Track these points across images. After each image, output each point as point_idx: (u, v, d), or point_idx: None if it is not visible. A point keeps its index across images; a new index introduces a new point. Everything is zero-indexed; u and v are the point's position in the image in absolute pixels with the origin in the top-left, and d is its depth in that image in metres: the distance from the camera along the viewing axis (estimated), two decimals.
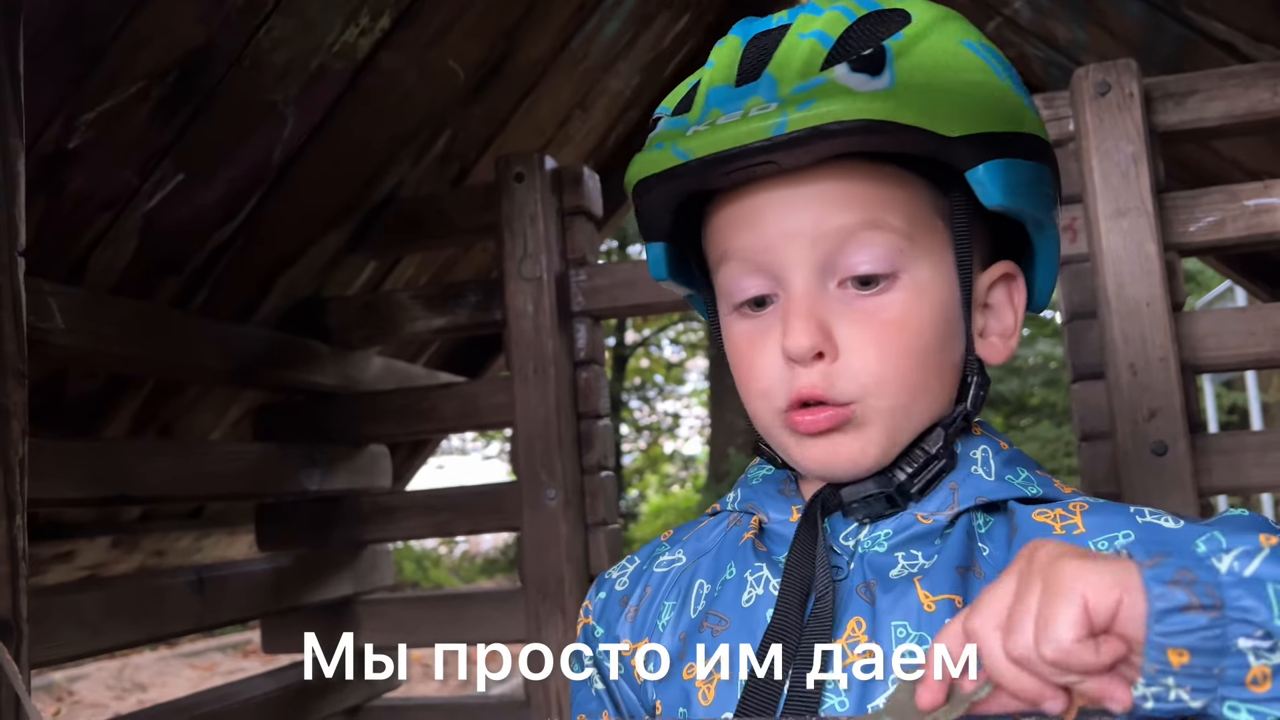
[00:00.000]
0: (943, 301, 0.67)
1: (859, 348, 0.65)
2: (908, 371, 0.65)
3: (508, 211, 2.03)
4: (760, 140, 0.61)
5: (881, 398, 0.65)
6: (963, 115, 0.63)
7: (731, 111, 0.63)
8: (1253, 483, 1.70)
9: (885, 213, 0.65)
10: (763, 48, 0.66)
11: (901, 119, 0.60)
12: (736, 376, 0.71)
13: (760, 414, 0.70)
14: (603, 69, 2.70)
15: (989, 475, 0.68)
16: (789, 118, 0.60)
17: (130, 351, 1.72)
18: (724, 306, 0.71)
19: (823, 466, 0.67)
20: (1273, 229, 1.71)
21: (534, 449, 1.97)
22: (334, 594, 2.29)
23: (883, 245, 0.64)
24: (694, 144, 0.63)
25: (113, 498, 1.74)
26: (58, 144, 1.49)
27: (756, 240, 0.66)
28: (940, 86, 0.63)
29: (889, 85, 0.62)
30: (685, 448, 13.69)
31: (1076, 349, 1.80)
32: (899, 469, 0.67)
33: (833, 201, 0.64)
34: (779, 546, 0.70)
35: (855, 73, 0.62)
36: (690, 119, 0.66)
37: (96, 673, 6.20)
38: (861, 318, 0.65)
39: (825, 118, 0.60)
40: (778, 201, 0.65)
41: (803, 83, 0.62)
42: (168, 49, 1.52)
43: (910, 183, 0.66)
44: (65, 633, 1.65)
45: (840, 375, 0.65)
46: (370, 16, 1.81)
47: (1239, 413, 8.32)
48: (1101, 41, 2.21)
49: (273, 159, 1.86)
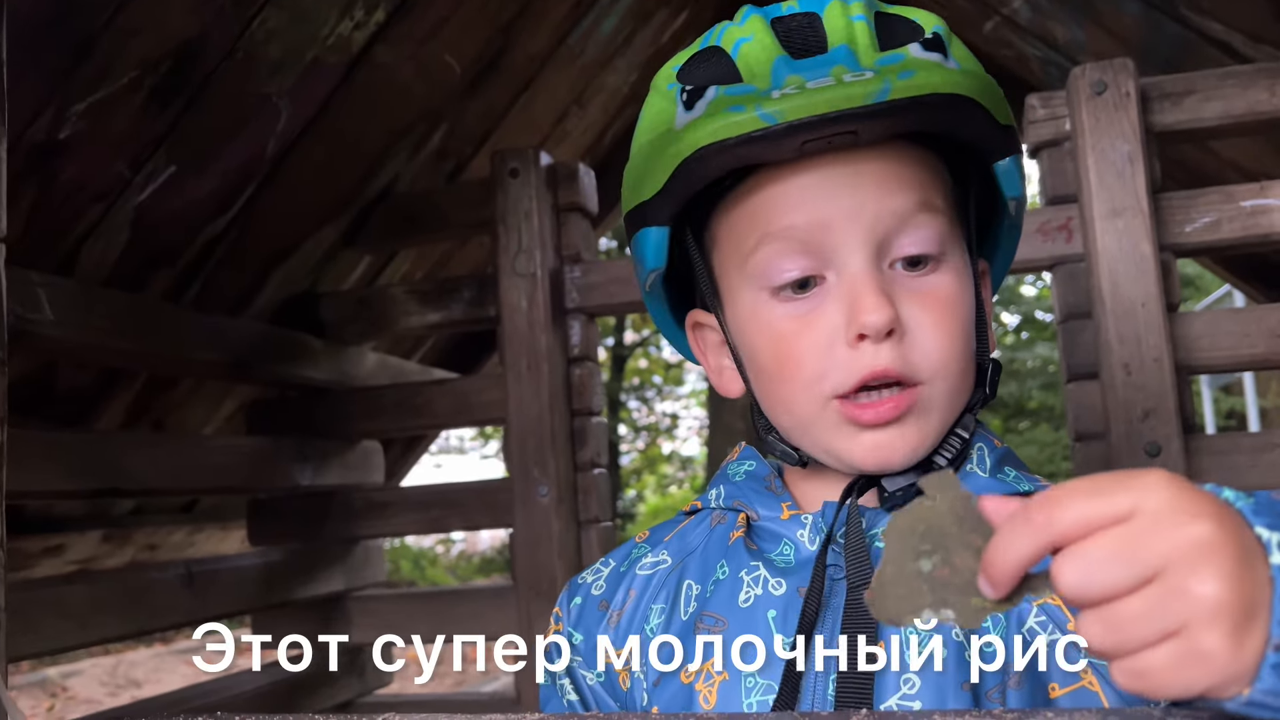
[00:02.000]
0: (971, 286, 0.68)
1: (925, 327, 0.64)
2: (962, 353, 0.66)
3: (503, 207, 2.02)
4: (862, 105, 0.59)
5: (946, 379, 0.65)
6: (1003, 106, 0.65)
7: (819, 78, 0.61)
8: (1246, 483, 1.68)
9: (934, 195, 0.65)
10: (797, 27, 0.65)
11: (980, 98, 0.62)
12: (774, 365, 0.67)
13: (803, 403, 0.66)
14: (600, 65, 2.70)
15: (984, 472, 0.68)
16: (892, 85, 0.59)
17: (121, 345, 1.71)
18: (752, 292, 0.67)
19: (879, 460, 0.65)
20: (1269, 230, 1.71)
21: (527, 445, 1.96)
22: (325, 589, 2.28)
23: (933, 227, 0.65)
24: (784, 106, 0.60)
25: (103, 490, 1.73)
26: (48, 134, 1.48)
27: (808, 219, 0.64)
28: (984, 77, 0.65)
29: (959, 67, 0.63)
30: (683, 448, 13.69)
31: (1071, 349, 1.79)
32: (940, 454, 0.67)
33: (891, 182, 0.64)
34: (770, 544, 0.69)
35: (929, 52, 0.62)
36: (760, 86, 0.62)
37: (91, 669, 6.19)
38: (920, 299, 0.64)
39: (925, 88, 0.60)
40: (835, 180, 0.63)
41: (884, 56, 0.62)
42: (160, 40, 1.52)
43: (942, 170, 0.68)
44: (52, 624, 1.64)
45: (910, 353, 0.63)
46: (364, 10, 1.81)
47: (1237, 417, 8.31)
48: (1100, 41, 2.20)
49: (267, 152, 1.85)
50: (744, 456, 0.77)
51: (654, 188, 0.66)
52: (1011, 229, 0.74)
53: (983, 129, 0.64)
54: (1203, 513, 0.41)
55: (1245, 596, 0.40)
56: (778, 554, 0.68)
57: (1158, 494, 0.42)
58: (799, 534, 0.69)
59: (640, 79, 2.91)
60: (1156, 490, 0.42)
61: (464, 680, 6.46)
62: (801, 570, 0.67)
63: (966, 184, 0.70)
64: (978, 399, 0.69)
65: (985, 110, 0.63)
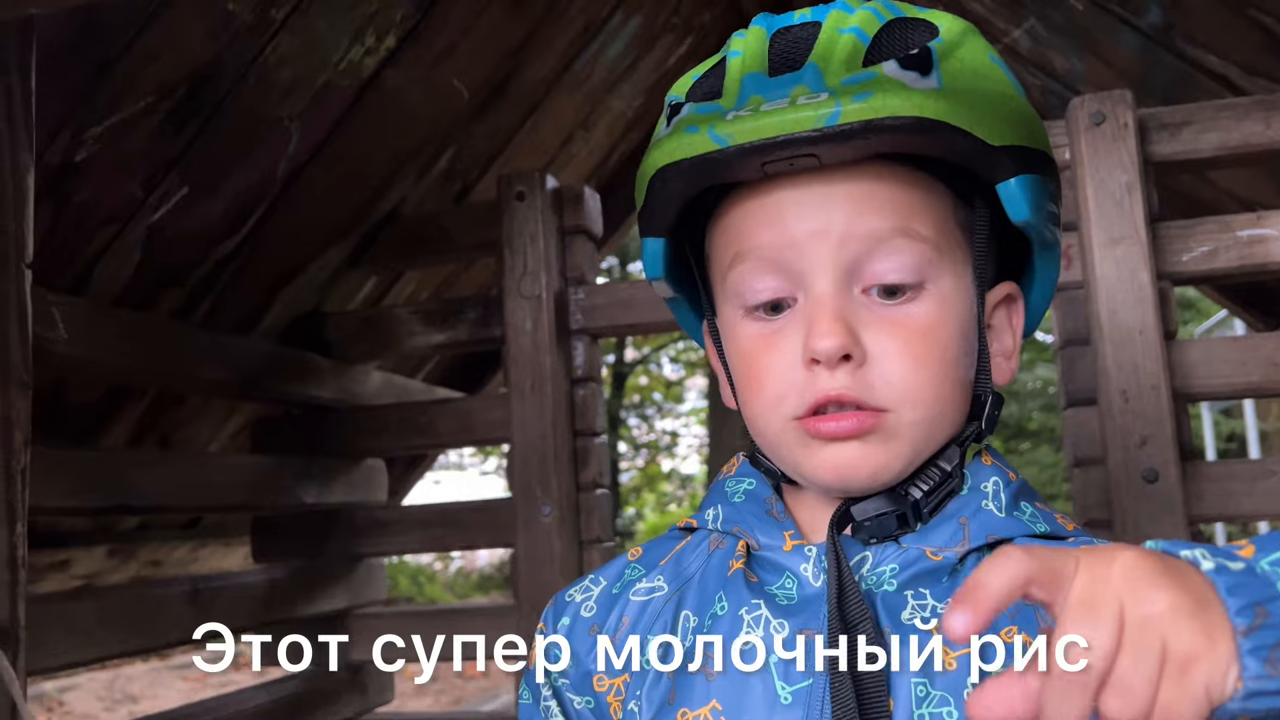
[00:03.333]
0: (963, 315, 0.65)
1: (890, 354, 0.62)
2: (937, 383, 0.63)
3: (508, 229, 2.05)
4: (810, 130, 0.58)
5: (914, 408, 0.62)
6: (1001, 126, 0.61)
7: (776, 98, 0.59)
8: (1243, 511, 1.71)
9: (916, 220, 0.63)
10: (794, 40, 0.64)
11: (954, 120, 0.59)
12: (742, 382, 0.67)
13: (767, 422, 0.65)
14: (606, 90, 2.73)
15: (999, 510, 0.65)
16: (843, 108, 0.57)
17: (132, 362, 1.73)
18: (731, 309, 0.67)
19: (840, 477, 0.63)
20: (1265, 260, 1.73)
21: (530, 465, 1.98)
22: (328, 607, 2.29)
23: (912, 254, 0.62)
24: (734, 129, 0.59)
25: (111, 507, 1.75)
26: (65, 156, 1.51)
27: (778, 238, 0.63)
28: (982, 94, 0.61)
29: (939, 85, 0.60)
30: (683, 466, 13.69)
31: (1069, 375, 1.82)
32: (914, 485, 0.64)
33: (865, 203, 0.62)
34: (772, 576, 0.66)
35: (905, 70, 0.60)
36: (724, 104, 0.62)
37: (88, 683, 6.18)
38: (889, 325, 0.62)
39: (881, 111, 0.57)
40: (806, 199, 0.62)
41: (851, 75, 0.60)
42: (176, 65, 1.55)
43: (938, 192, 0.65)
44: (59, 641, 1.65)
45: (871, 380, 0.62)
46: (376, 36, 1.84)
47: (1237, 440, 8.32)
48: (1098, 72, 2.23)
49: (277, 174, 1.88)
50: (741, 473, 0.73)
51: (639, 200, 0.67)
52: (1044, 250, 0.69)
53: (961, 150, 0.60)
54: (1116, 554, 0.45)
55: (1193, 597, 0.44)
56: (779, 587, 0.65)
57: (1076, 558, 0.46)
58: (802, 568, 0.66)
59: (645, 103, 2.94)
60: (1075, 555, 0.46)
61: (462, 698, 6.44)
62: (805, 609, 0.64)
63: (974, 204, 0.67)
64: (971, 431, 0.67)
65: (960, 131, 0.59)
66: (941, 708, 0.59)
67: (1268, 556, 0.46)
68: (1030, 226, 0.65)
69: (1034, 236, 0.67)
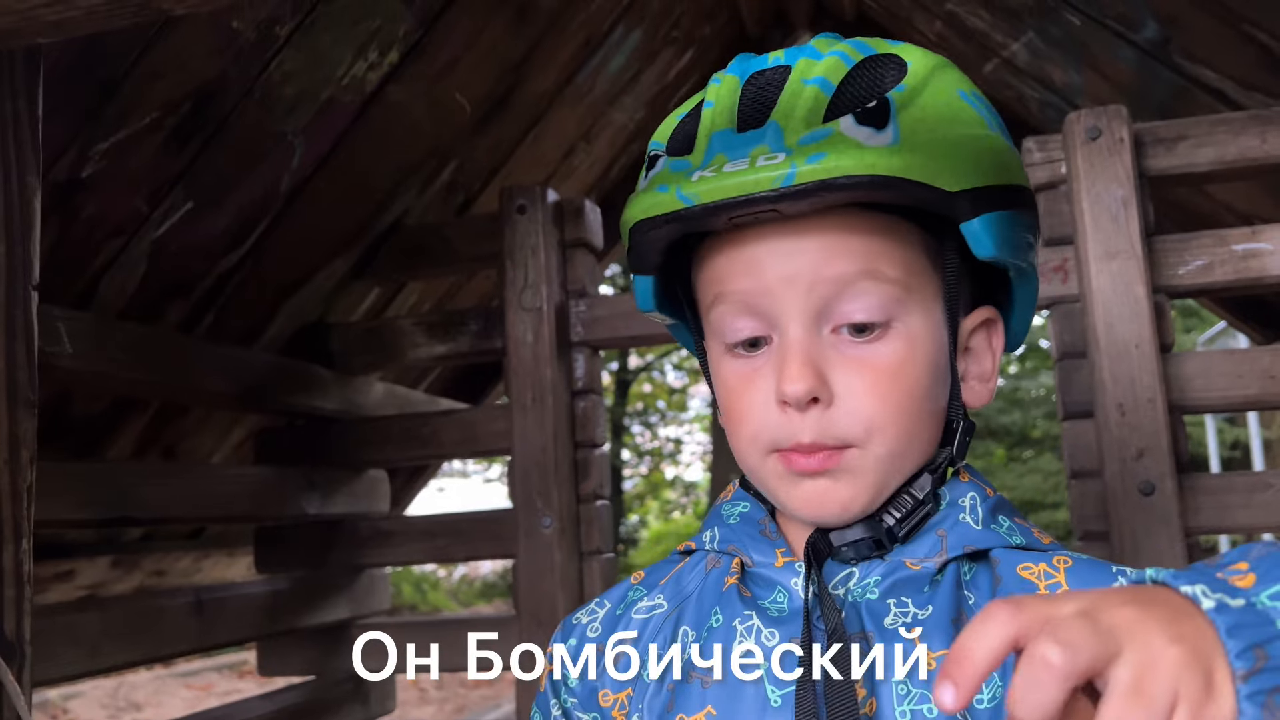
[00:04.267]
0: (933, 349, 0.68)
1: (856, 393, 0.65)
2: (902, 419, 0.66)
3: (510, 242, 2.06)
4: (767, 190, 0.61)
5: (879, 444, 0.65)
6: (962, 170, 0.64)
7: (737, 159, 0.63)
8: (1239, 523, 1.71)
9: (881, 263, 0.65)
10: (762, 89, 0.66)
11: (907, 174, 0.61)
12: (726, 415, 0.71)
13: (747, 454, 0.69)
14: (607, 103, 2.75)
15: (976, 523, 0.68)
16: (798, 170, 0.60)
17: (136, 375, 1.75)
18: (715, 344, 0.71)
19: (813, 510, 0.67)
20: (1261, 273, 1.74)
21: (531, 477, 1.99)
22: (331, 617, 2.30)
23: (878, 295, 0.65)
24: (699, 189, 0.63)
25: (115, 519, 1.76)
26: (71, 172, 1.52)
27: (753, 284, 0.66)
28: (941, 141, 0.64)
29: (894, 140, 0.62)
30: (687, 474, 13.69)
31: (1067, 388, 1.83)
32: (887, 513, 0.68)
33: (831, 250, 0.65)
34: (764, 590, 0.70)
35: (861, 125, 0.62)
36: (693, 162, 0.65)
37: (92, 691, 6.19)
38: (856, 365, 0.65)
39: (834, 171, 0.60)
40: (777, 248, 0.65)
41: (809, 133, 0.63)
42: (181, 82, 1.57)
43: (906, 232, 0.67)
44: (64, 652, 1.67)
45: (836, 421, 0.65)
46: (379, 51, 1.86)
47: (1241, 449, 8.31)
48: (1096, 85, 2.25)
49: (281, 188, 1.90)
50: (737, 497, 0.77)
51: (626, 245, 0.71)
52: (1020, 278, 0.72)
53: (919, 199, 0.63)
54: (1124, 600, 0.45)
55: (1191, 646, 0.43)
56: (771, 601, 0.69)
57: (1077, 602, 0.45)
58: (793, 582, 0.69)
59: (646, 116, 2.96)
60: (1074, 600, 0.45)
61: (465, 707, 6.44)
62: (795, 620, 0.67)
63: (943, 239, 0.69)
64: (944, 458, 0.70)
65: (914, 183, 0.62)
66: (922, 704, 0.62)
67: (1268, 590, 0.47)
68: (998, 261, 0.67)
69: (1007, 268, 0.70)
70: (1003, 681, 0.62)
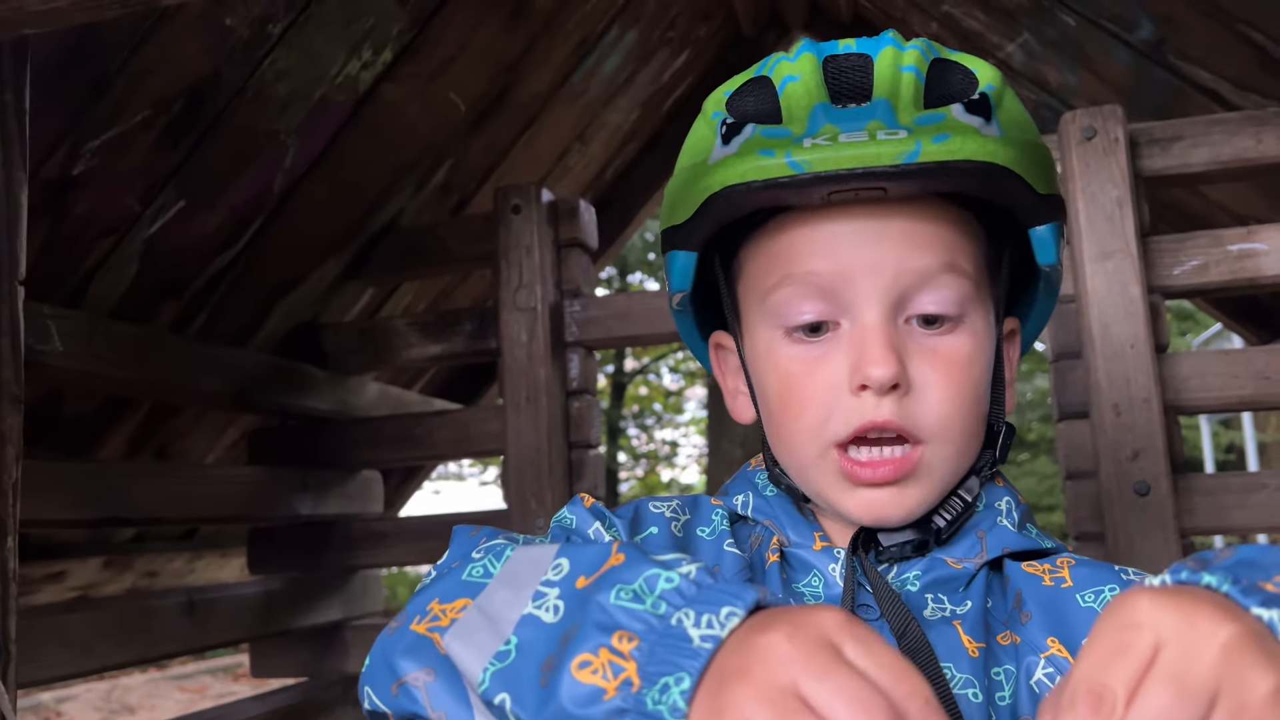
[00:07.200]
0: (990, 349, 0.67)
1: (933, 384, 0.64)
2: (969, 415, 0.66)
3: (504, 242, 2.06)
4: (888, 165, 0.59)
5: (946, 442, 0.65)
6: (1044, 175, 0.64)
7: (852, 131, 0.61)
8: (1234, 524, 1.71)
9: (960, 257, 0.65)
10: (849, 71, 0.65)
11: (1017, 168, 0.61)
12: (779, 404, 0.68)
13: (803, 446, 0.66)
14: (602, 103, 2.75)
15: (1013, 526, 0.68)
16: (923, 148, 0.59)
17: (128, 374, 1.74)
18: (768, 328, 0.68)
19: (875, 518, 0.65)
20: (1256, 274, 1.74)
21: (525, 477, 1.98)
22: (324, 618, 2.29)
23: (956, 289, 0.64)
24: (812, 156, 0.60)
25: (107, 519, 1.75)
26: (63, 170, 1.52)
27: (831, 267, 0.64)
28: (1029, 144, 0.64)
29: (1001, 133, 0.62)
30: (683, 476, 13.67)
31: (1062, 388, 1.82)
32: (939, 515, 0.67)
33: (917, 240, 0.64)
34: (800, 573, 0.68)
35: (971, 114, 0.62)
36: (794, 130, 0.63)
37: (85, 694, 6.17)
38: (931, 356, 0.64)
39: (958, 153, 0.59)
40: (862, 232, 0.64)
41: (923, 114, 0.62)
42: (174, 79, 1.56)
43: (977, 231, 0.67)
44: (54, 653, 1.66)
45: (915, 409, 0.64)
46: (373, 50, 1.85)
47: (1236, 451, 8.32)
48: (1091, 86, 2.25)
49: (274, 187, 1.89)
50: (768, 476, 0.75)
51: (684, 215, 0.67)
52: (1048, 291, 0.73)
53: (1017, 197, 0.63)
54: (1215, 618, 0.41)
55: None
56: (805, 584, 0.68)
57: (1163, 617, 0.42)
58: (831, 568, 0.67)
59: (642, 116, 2.96)
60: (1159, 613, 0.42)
61: None
62: None
63: (1002, 243, 0.69)
64: (986, 461, 0.69)
65: (1020, 179, 0.62)
66: (966, 689, 0.62)
67: None
68: (1052, 270, 0.68)
69: (1040, 278, 0.70)
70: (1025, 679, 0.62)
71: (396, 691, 0.55)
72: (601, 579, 0.50)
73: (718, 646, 0.45)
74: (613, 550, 0.52)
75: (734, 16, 2.94)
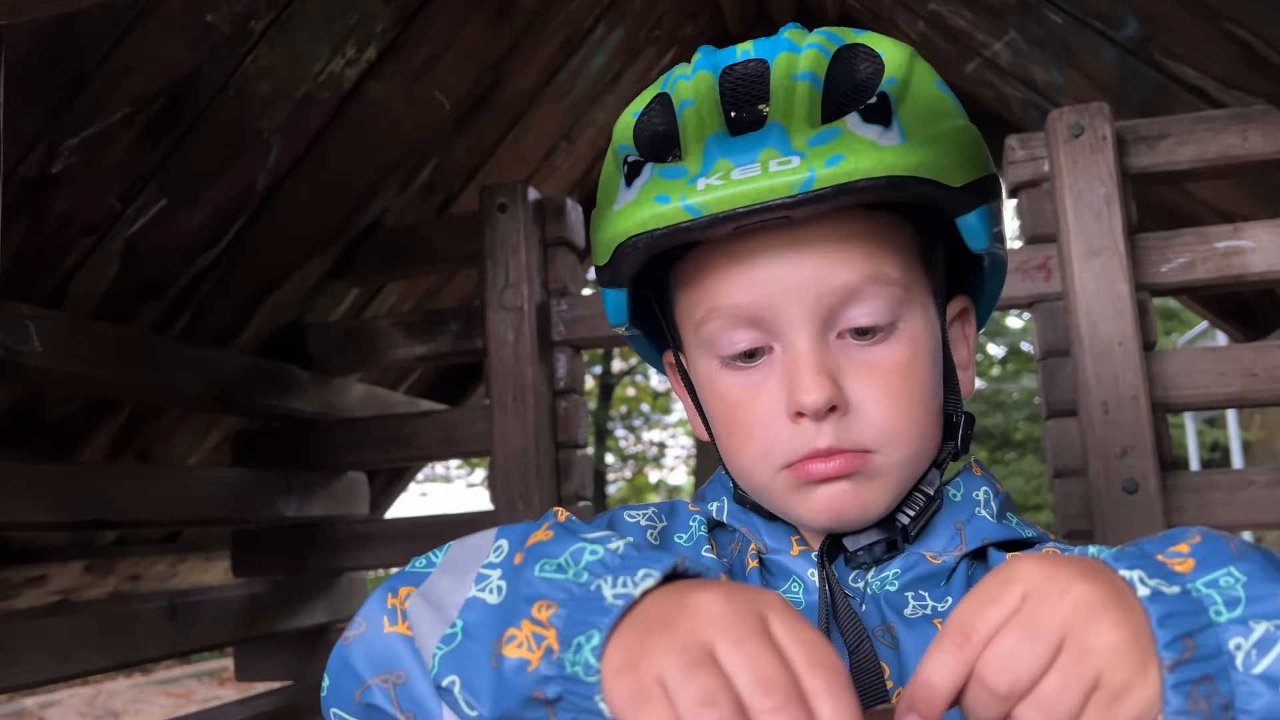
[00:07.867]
0: (932, 345, 0.67)
1: (871, 400, 0.63)
2: (917, 420, 0.65)
3: (490, 241, 2.04)
4: (784, 197, 0.58)
5: (898, 449, 0.64)
6: (960, 164, 0.62)
7: (745, 164, 0.59)
8: (1223, 521, 1.71)
9: (885, 265, 0.63)
10: (744, 85, 0.64)
11: (921, 173, 0.60)
12: (726, 431, 0.67)
13: (754, 471, 0.66)
14: (588, 102, 2.73)
15: (991, 517, 0.68)
16: (816, 174, 0.58)
17: (109, 375, 1.72)
18: (705, 357, 0.67)
19: (833, 516, 0.64)
20: (1242, 271, 1.74)
21: (512, 478, 1.97)
22: (308, 621, 2.27)
23: (884, 298, 0.63)
24: (708, 199, 0.59)
25: (89, 521, 1.73)
26: (41, 168, 1.49)
27: (753, 296, 0.63)
28: (939, 135, 0.62)
29: (902, 139, 0.60)
30: (670, 477, 13.67)
31: (1050, 386, 1.82)
32: (902, 513, 0.66)
33: (835, 257, 0.62)
34: (779, 579, 0.68)
35: (867, 123, 0.60)
36: (690, 169, 0.61)
37: (69, 699, 6.11)
38: (867, 370, 0.63)
39: (854, 174, 0.58)
40: (777, 256, 0.62)
41: (817, 133, 0.60)
42: (155, 76, 1.54)
43: (903, 230, 0.66)
44: (36, 657, 1.63)
45: (854, 427, 0.63)
46: (357, 48, 1.83)
47: (1221, 450, 8.37)
48: (1078, 84, 2.25)
49: (257, 186, 1.87)
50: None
51: (603, 260, 0.66)
52: (995, 267, 0.72)
53: (930, 195, 0.61)
54: (1074, 575, 0.46)
55: (1133, 630, 0.45)
56: (786, 591, 0.67)
57: (1033, 574, 0.46)
58: (809, 573, 0.67)
59: None
60: (1031, 571, 0.47)
61: None
62: (810, 614, 0.65)
63: (934, 232, 0.68)
64: (947, 453, 0.69)
65: (931, 182, 0.60)
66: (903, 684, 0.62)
67: (1204, 576, 0.47)
68: (986, 253, 0.67)
69: (988, 259, 0.69)
70: None
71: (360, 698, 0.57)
72: (529, 554, 0.53)
73: (629, 604, 0.46)
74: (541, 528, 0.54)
75: (721, 15, 2.93)
